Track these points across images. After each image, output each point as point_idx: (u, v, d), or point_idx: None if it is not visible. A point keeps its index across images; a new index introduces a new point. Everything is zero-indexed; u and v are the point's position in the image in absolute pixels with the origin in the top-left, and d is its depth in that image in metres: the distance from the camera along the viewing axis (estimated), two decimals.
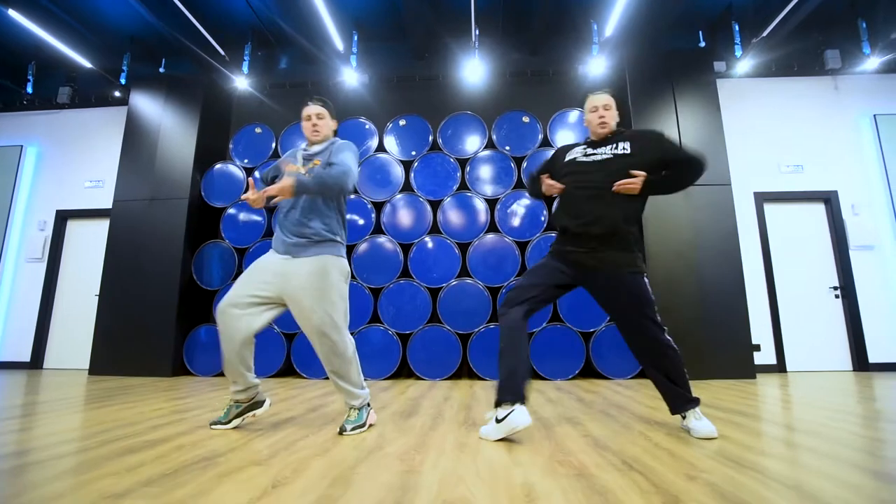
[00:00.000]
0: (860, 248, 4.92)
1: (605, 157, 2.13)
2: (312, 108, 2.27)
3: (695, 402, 2.04)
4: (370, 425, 2.23)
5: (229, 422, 2.19)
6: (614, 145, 2.14)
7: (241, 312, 2.07)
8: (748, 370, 4.19)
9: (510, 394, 1.95)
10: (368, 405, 2.26)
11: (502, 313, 2.10)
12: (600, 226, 2.05)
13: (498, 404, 1.96)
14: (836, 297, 4.91)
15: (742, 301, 4.30)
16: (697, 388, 3.58)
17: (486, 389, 3.72)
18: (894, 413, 2.54)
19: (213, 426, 2.19)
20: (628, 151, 2.10)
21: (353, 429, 2.11)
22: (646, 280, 2.08)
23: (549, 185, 2.18)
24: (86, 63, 5.02)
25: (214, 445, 1.88)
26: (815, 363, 4.78)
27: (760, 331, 4.77)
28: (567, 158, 2.25)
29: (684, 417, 2.07)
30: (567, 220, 2.14)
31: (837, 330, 4.86)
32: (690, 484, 1.39)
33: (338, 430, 2.13)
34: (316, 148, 2.26)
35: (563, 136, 4.91)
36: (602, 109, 2.15)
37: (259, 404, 2.27)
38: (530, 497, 1.30)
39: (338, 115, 2.42)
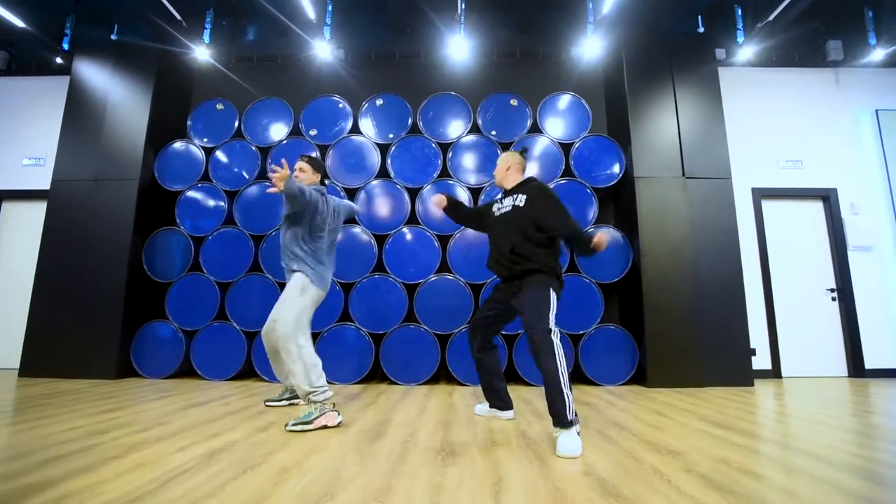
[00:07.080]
0: (858, 249, 4.71)
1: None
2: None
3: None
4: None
5: None
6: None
7: None
8: (746, 377, 3.93)
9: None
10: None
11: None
12: None
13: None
14: (833, 299, 4.70)
15: (741, 302, 4.04)
16: (694, 396, 3.32)
17: (464, 397, 3.36)
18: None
19: None
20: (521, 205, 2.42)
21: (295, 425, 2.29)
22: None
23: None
24: (18, 22, 4.40)
25: (115, 493, 1.46)
26: (811, 368, 4.57)
27: (755, 334, 4.52)
28: None
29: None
30: None
31: (834, 334, 4.65)
32: None
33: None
34: None
35: (552, 123, 4.54)
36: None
37: None
38: None
39: (309, 93, 2.12)
